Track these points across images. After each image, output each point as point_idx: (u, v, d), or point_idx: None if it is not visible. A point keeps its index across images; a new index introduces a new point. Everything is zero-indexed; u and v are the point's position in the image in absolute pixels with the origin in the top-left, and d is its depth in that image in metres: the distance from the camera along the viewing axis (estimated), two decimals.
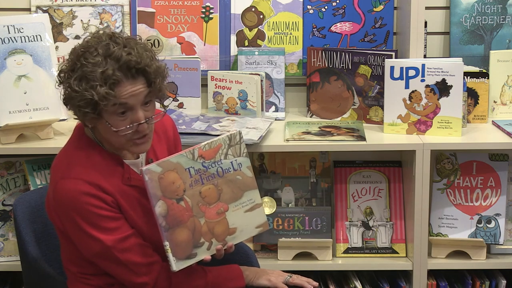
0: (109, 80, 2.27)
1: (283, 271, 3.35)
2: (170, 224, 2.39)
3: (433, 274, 3.30)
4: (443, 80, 3.15)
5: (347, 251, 3.31)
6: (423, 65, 3.15)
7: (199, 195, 2.44)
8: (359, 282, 3.30)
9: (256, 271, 2.59)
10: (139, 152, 2.43)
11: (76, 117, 2.37)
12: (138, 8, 3.42)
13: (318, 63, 3.39)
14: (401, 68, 3.17)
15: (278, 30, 3.44)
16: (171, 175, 2.40)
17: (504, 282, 3.29)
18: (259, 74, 3.30)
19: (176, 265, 2.40)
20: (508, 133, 3.20)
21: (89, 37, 2.34)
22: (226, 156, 2.48)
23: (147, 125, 2.36)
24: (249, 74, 3.31)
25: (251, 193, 2.52)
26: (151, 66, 2.33)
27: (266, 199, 3.31)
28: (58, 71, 2.36)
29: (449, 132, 3.17)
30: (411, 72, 3.16)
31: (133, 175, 2.43)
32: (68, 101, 2.34)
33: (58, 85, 2.37)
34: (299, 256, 3.25)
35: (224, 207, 2.48)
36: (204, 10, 3.43)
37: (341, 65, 3.36)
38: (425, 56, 3.37)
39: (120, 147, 2.40)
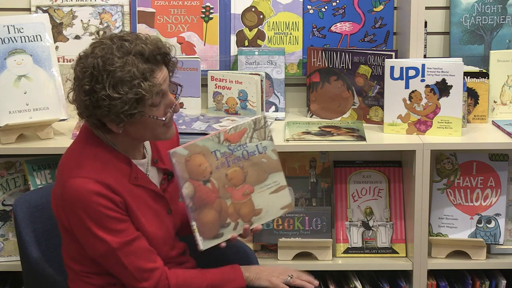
0: (146, 73, 2.29)
1: None
2: (197, 205, 2.45)
3: (433, 274, 3.30)
4: (443, 80, 3.15)
5: (347, 251, 3.31)
6: (423, 65, 3.15)
7: (225, 177, 2.50)
8: (359, 282, 3.30)
9: (257, 271, 2.58)
10: (171, 136, 2.44)
11: (113, 127, 2.34)
12: (138, 8, 3.42)
13: (318, 63, 3.39)
14: (401, 68, 3.17)
15: (278, 30, 3.44)
16: (197, 158, 2.46)
17: (504, 282, 3.29)
18: (259, 74, 3.30)
19: (203, 245, 2.47)
20: (508, 133, 3.20)
21: (95, 48, 2.31)
22: (251, 140, 2.54)
23: (178, 106, 2.42)
24: (249, 74, 3.31)
25: (276, 175, 2.56)
26: (165, 49, 2.36)
27: None
28: (74, 91, 2.33)
29: (449, 132, 3.17)
30: (411, 72, 3.16)
31: (140, 175, 2.44)
32: (108, 113, 2.30)
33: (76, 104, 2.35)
34: (299, 256, 3.25)
35: (250, 189, 2.53)
36: (204, 10, 3.43)
37: (341, 65, 3.36)
38: (425, 56, 3.37)
39: (152, 139, 2.42)
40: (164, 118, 2.36)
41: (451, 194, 3.30)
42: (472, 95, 3.34)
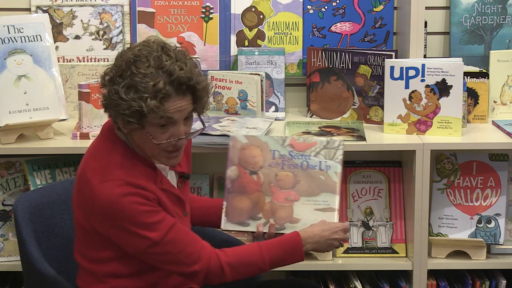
0: (160, 94, 2.27)
1: (283, 271, 3.36)
2: (234, 188, 2.56)
3: (433, 274, 3.30)
4: (443, 80, 3.15)
5: (347, 251, 3.31)
6: (423, 65, 3.15)
7: (274, 176, 2.56)
8: (359, 282, 3.30)
9: (316, 241, 2.50)
10: (169, 165, 2.45)
11: (112, 120, 2.36)
12: (138, 8, 3.42)
13: (318, 63, 3.39)
14: (401, 68, 3.17)
15: (278, 30, 3.44)
16: (253, 149, 2.57)
17: (504, 282, 3.29)
18: (259, 74, 3.30)
19: (224, 225, 2.56)
20: (508, 133, 3.20)
21: (140, 45, 2.32)
22: (317, 155, 2.58)
23: (185, 140, 2.38)
24: (249, 74, 3.31)
25: (328, 196, 2.57)
26: (200, 84, 2.34)
27: None
28: (104, 73, 2.34)
29: (449, 132, 3.17)
30: (411, 72, 3.16)
31: (164, 179, 2.45)
32: (110, 106, 2.32)
33: (101, 88, 2.36)
34: None
35: (295, 196, 2.57)
36: (204, 10, 3.43)
37: (341, 65, 3.36)
38: (425, 56, 3.37)
39: (151, 156, 2.41)
40: (159, 142, 2.34)
41: (451, 194, 3.30)
42: (472, 95, 3.34)
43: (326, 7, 3.43)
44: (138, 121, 2.30)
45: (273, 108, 3.43)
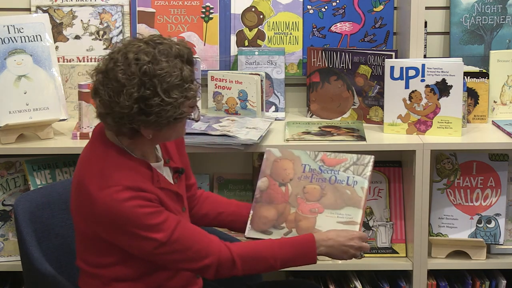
0: (192, 75, 2.31)
1: (283, 271, 3.36)
2: (263, 199, 2.61)
3: (433, 274, 3.30)
4: (443, 80, 3.15)
5: None
6: (423, 65, 3.15)
7: (302, 189, 2.61)
8: (359, 282, 3.30)
9: (330, 245, 2.48)
10: (185, 132, 2.46)
11: (146, 132, 2.32)
12: (138, 8, 3.42)
13: (318, 63, 3.39)
14: (401, 68, 3.17)
15: (278, 30, 3.44)
16: (286, 163, 2.64)
17: (504, 282, 3.29)
18: (259, 74, 3.30)
19: (248, 233, 2.60)
20: (508, 133, 3.20)
21: (137, 54, 2.27)
22: (346, 170, 2.61)
23: None
24: (249, 74, 3.31)
25: (352, 210, 2.58)
26: (191, 48, 2.37)
27: None
28: (113, 103, 2.27)
29: (449, 132, 3.18)
30: (411, 72, 3.16)
31: (161, 178, 2.44)
32: (157, 119, 2.28)
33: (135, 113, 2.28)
34: None
35: (320, 209, 2.59)
36: (204, 10, 3.43)
37: (341, 65, 3.36)
38: (425, 56, 3.37)
39: (176, 138, 2.43)
40: (195, 117, 2.40)
41: (451, 194, 3.30)
42: (472, 95, 3.34)
43: (326, 7, 3.43)
44: (185, 110, 2.30)
45: (273, 108, 3.43)
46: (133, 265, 2.42)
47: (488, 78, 3.34)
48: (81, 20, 3.41)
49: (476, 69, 3.35)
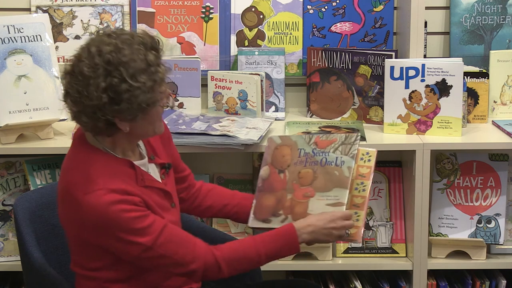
0: (158, 59, 2.31)
1: (283, 271, 3.37)
2: (264, 187, 2.62)
3: (433, 274, 3.30)
4: (443, 80, 3.15)
5: (347, 251, 3.31)
6: (423, 65, 3.15)
7: (297, 174, 2.61)
8: (359, 282, 3.30)
9: (312, 230, 2.48)
10: (163, 129, 2.45)
11: (123, 125, 2.32)
12: (138, 8, 3.42)
13: (318, 63, 3.39)
14: (401, 68, 3.17)
15: (278, 30, 3.44)
16: (285, 149, 2.64)
17: (504, 282, 3.29)
18: (259, 74, 3.30)
19: (251, 222, 2.60)
20: (508, 133, 3.20)
21: (99, 47, 2.28)
22: (335, 151, 2.61)
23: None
24: (249, 74, 3.31)
25: (339, 191, 2.57)
26: (156, 38, 2.38)
27: None
28: (84, 97, 2.27)
29: (449, 132, 3.18)
30: (411, 72, 3.16)
31: (146, 176, 2.44)
32: (129, 106, 2.27)
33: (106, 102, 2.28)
34: (299, 256, 3.25)
35: (312, 193, 2.59)
36: (204, 10, 3.43)
37: (341, 65, 3.36)
38: (425, 56, 3.37)
39: (153, 134, 2.42)
40: (170, 105, 2.40)
41: (451, 194, 3.30)
42: (472, 95, 3.34)
43: (326, 7, 3.43)
44: (156, 97, 2.30)
45: (273, 108, 3.43)
46: (126, 267, 2.42)
47: (488, 78, 3.34)
48: (81, 20, 3.41)
49: (476, 69, 3.35)
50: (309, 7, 3.43)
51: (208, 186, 2.76)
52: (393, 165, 3.37)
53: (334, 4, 3.42)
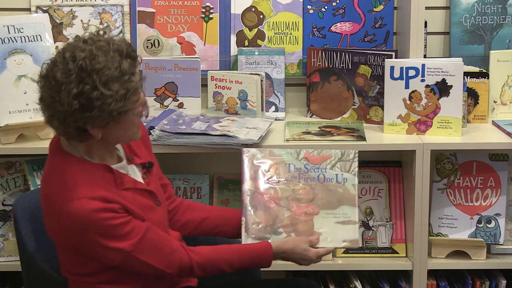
0: (132, 68, 2.29)
1: (283, 271, 3.36)
2: (252, 203, 2.55)
3: (433, 274, 3.30)
4: (443, 80, 3.15)
5: (347, 251, 3.30)
6: (423, 65, 3.15)
7: (292, 190, 2.56)
8: (359, 282, 3.30)
9: (287, 255, 2.56)
10: (140, 136, 2.44)
11: (95, 132, 2.30)
12: (138, 8, 3.42)
13: (318, 63, 3.39)
14: (401, 68, 3.17)
15: (278, 30, 3.44)
16: (268, 163, 2.58)
17: (504, 282, 3.29)
18: (259, 74, 3.30)
19: (245, 241, 2.55)
20: (508, 133, 3.20)
21: (74, 52, 2.26)
22: (333, 168, 2.60)
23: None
24: (249, 74, 3.31)
25: (348, 209, 2.59)
26: (132, 45, 2.36)
27: None
28: (55, 102, 2.26)
29: (449, 132, 3.17)
30: (411, 72, 3.16)
31: (125, 178, 2.43)
32: (100, 114, 2.25)
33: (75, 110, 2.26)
34: None
35: (315, 210, 2.58)
36: (204, 10, 3.43)
37: (341, 65, 3.36)
38: (425, 56, 3.37)
39: (128, 140, 2.42)
40: (147, 114, 2.39)
41: (451, 194, 3.30)
42: (472, 95, 3.34)
43: (326, 7, 3.43)
44: (129, 105, 2.28)
45: (273, 108, 3.43)
46: (114, 271, 2.43)
47: (488, 78, 3.34)
48: (81, 20, 3.41)
49: (476, 69, 3.35)
50: (309, 7, 3.43)
51: (188, 202, 2.76)
52: (393, 165, 3.37)
53: (334, 4, 3.42)
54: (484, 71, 3.35)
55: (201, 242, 2.63)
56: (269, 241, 2.55)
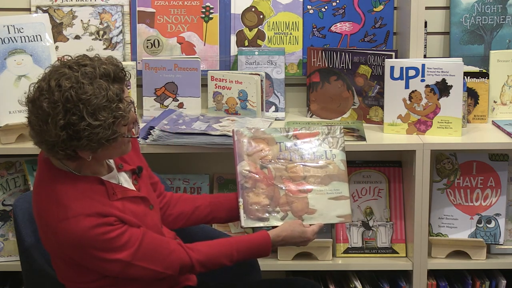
0: (120, 94, 2.26)
1: (283, 271, 3.37)
2: (248, 184, 2.57)
3: (433, 274, 3.30)
4: (443, 80, 3.15)
5: (347, 251, 3.31)
6: (423, 65, 3.15)
7: (284, 169, 2.59)
8: (359, 282, 3.30)
9: (285, 242, 2.59)
10: (130, 149, 2.43)
11: (85, 154, 2.29)
12: (138, 8, 3.42)
13: (318, 63, 3.39)
14: (401, 68, 3.17)
15: (278, 30, 3.44)
16: (260, 143, 2.61)
17: (504, 282, 3.29)
18: (259, 74, 3.30)
19: (245, 222, 2.57)
20: (508, 133, 3.20)
21: (59, 81, 2.23)
22: (321, 144, 2.63)
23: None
24: (249, 74, 3.31)
25: (339, 184, 2.62)
26: (121, 65, 2.34)
27: None
28: (43, 130, 2.24)
29: (449, 132, 3.17)
30: (411, 72, 3.16)
31: (117, 189, 2.41)
32: (88, 143, 2.24)
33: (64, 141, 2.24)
34: (299, 256, 3.25)
35: (308, 187, 2.60)
36: (204, 10, 3.43)
37: (341, 65, 3.36)
38: (425, 56, 3.37)
39: (120, 155, 2.41)
40: (136, 135, 2.36)
41: (451, 194, 3.30)
42: (472, 95, 3.34)
43: (326, 7, 3.43)
44: (119, 130, 2.28)
45: (273, 108, 3.43)
46: (113, 278, 2.43)
47: (488, 78, 3.34)
48: (81, 20, 3.41)
49: (476, 69, 3.35)
50: (309, 7, 3.43)
51: (177, 194, 2.76)
52: (393, 165, 3.37)
53: (334, 4, 3.42)
54: (484, 71, 3.35)
55: (198, 237, 2.63)
56: (269, 222, 2.57)
